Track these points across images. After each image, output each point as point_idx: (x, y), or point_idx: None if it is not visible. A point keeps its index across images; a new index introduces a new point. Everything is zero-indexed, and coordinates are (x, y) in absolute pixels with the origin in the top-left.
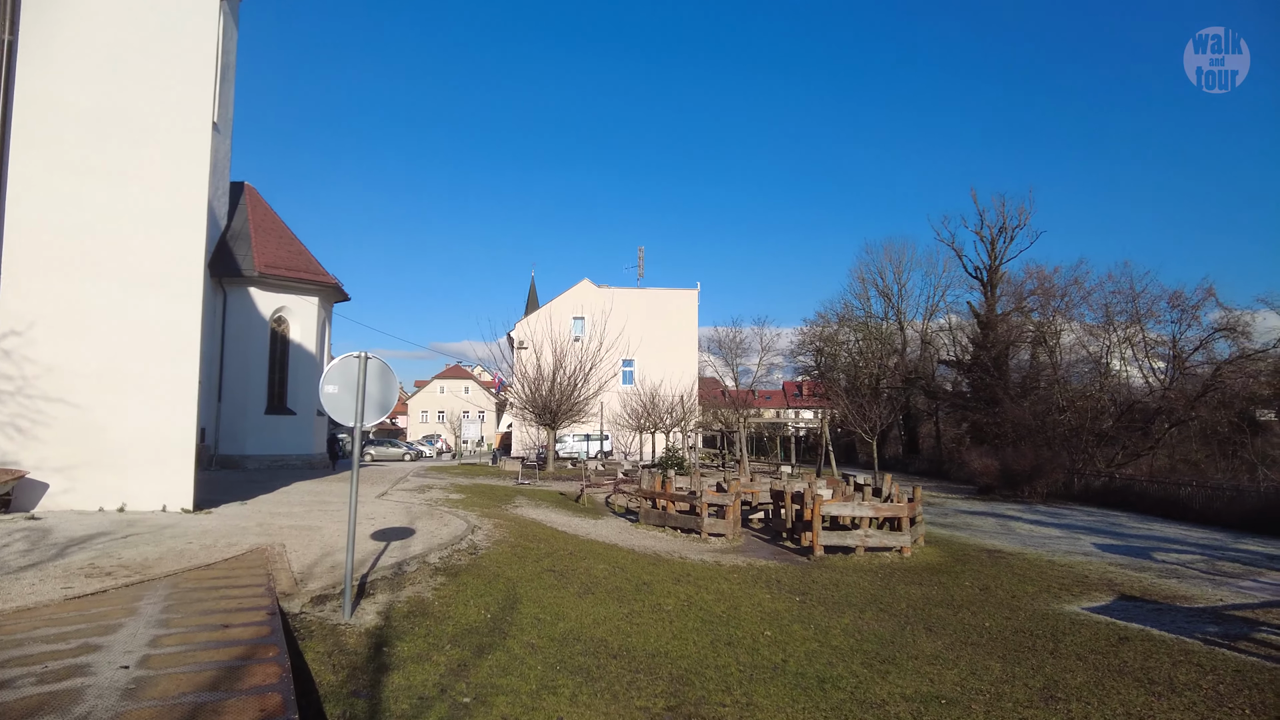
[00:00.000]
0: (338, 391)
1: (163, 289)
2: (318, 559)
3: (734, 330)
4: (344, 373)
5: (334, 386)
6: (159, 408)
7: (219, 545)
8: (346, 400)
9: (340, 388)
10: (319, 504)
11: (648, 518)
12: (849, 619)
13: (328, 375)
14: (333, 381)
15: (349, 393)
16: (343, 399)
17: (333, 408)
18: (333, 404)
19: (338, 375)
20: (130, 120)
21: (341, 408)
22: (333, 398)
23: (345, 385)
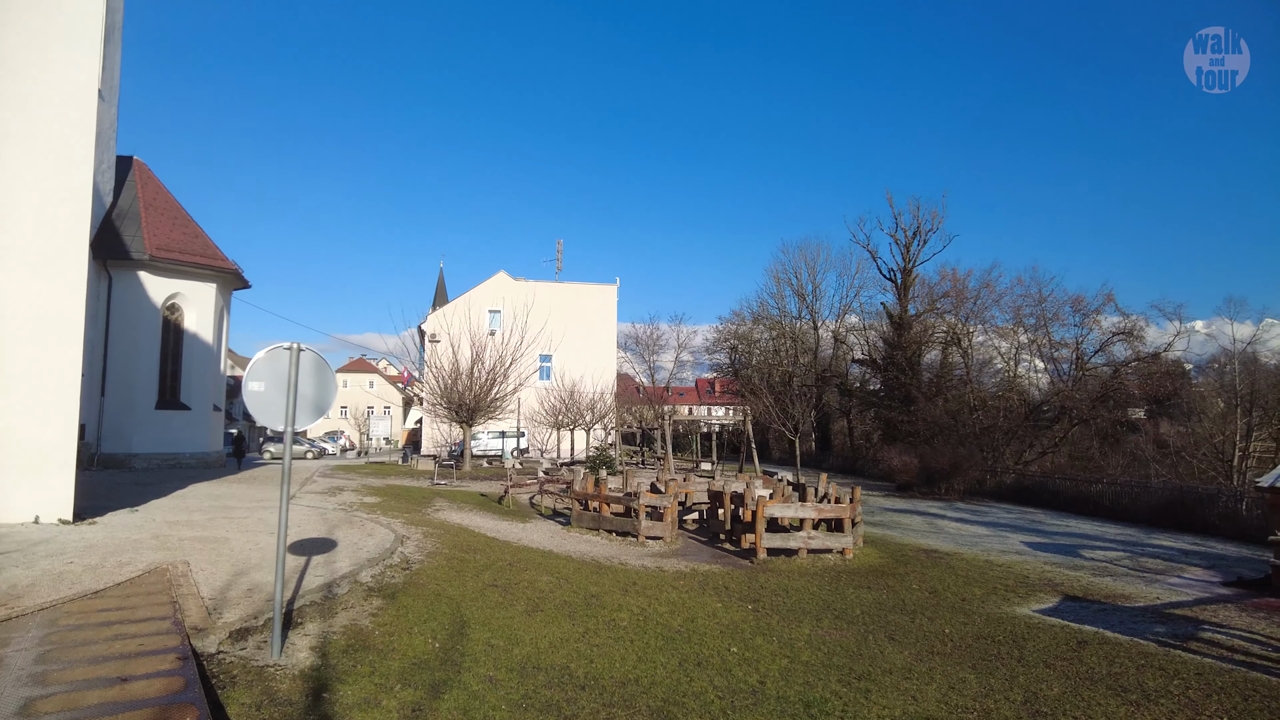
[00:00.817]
0: (264, 389)
1: (38, 270)
2: (230, 580)
3: (651, 327)
4: (272, 367)
5: (260, 383)
6: (32, 403)
7: (107, 565)
8: (275, 399)
9: (268, 384)
10: (222, 510)
11: (580, 520)
12: (808, 629)
13: (252, 370)
14: (258, 377)
15: (278, 391)
16: (270, 398)
17: (258, 408)
18: (259, 404)
19: (264, 370)
20: (2, 81)
21: (269, 408)
22: (258, 396)
23: (274, 382)
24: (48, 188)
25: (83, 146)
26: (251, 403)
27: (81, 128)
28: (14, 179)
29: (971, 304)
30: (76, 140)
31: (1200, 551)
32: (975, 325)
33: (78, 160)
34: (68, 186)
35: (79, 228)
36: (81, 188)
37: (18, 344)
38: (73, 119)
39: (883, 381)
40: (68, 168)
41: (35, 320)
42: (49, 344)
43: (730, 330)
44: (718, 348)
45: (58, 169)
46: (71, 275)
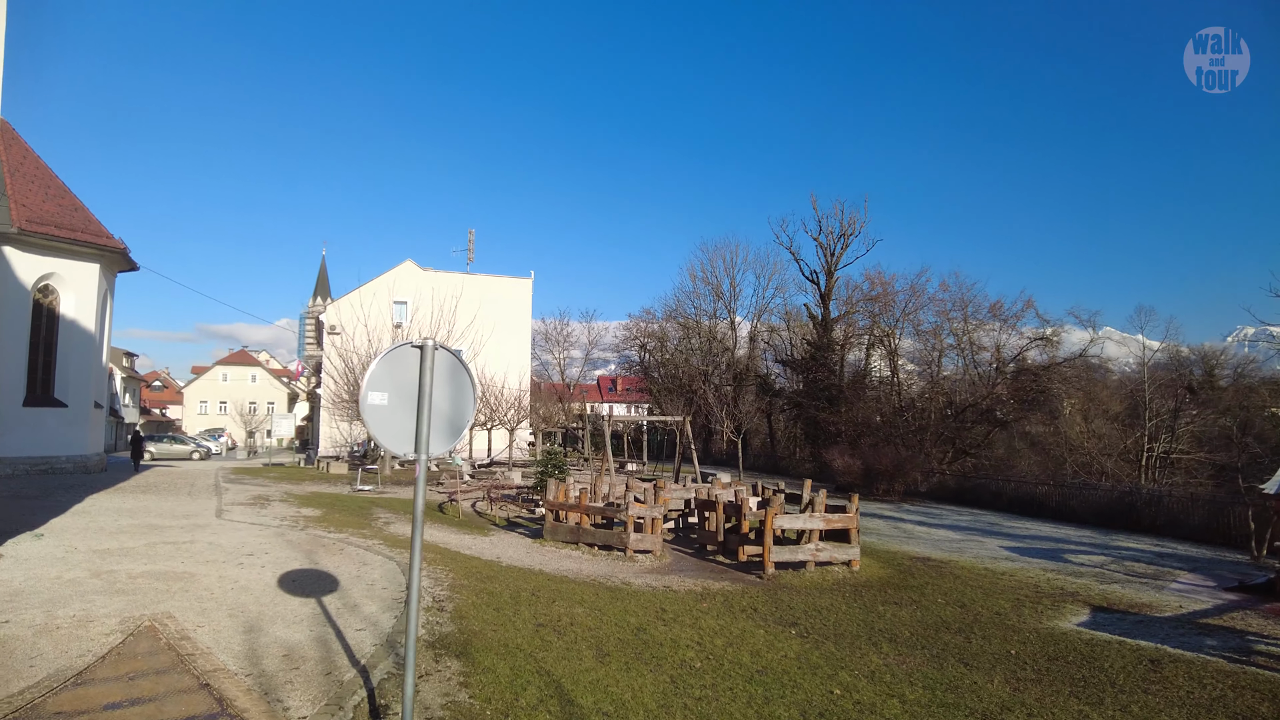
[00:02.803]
0: (387, 403)
1: None
2: (247, 641)
3: (561, 323)
4: (398, 372)
5: (382, 394)
6: None
7: (63, 624)
8: (401, 418)
9: (391, 396)
10: (152, 531)
11: (555, 533)
12: (876, 657)
13: (373, 378)
14: (380, 387)
15: (405, 406)
16: (395, 416)
17: (381, 429)
18: (380, 423)
19: (387, 377)
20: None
21: (393, 429)
22: (380, 413)
23: (400, 393)
24: None
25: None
26: (372, 421)
27: None
28: None
29: (901, 307)
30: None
31: (1169, 554)
32: (904, 327)
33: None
34: None
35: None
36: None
37: None
38: None
39: (805, 382)
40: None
41: None
42: None
43: (640, 328)
44: (627, 345)
45: None
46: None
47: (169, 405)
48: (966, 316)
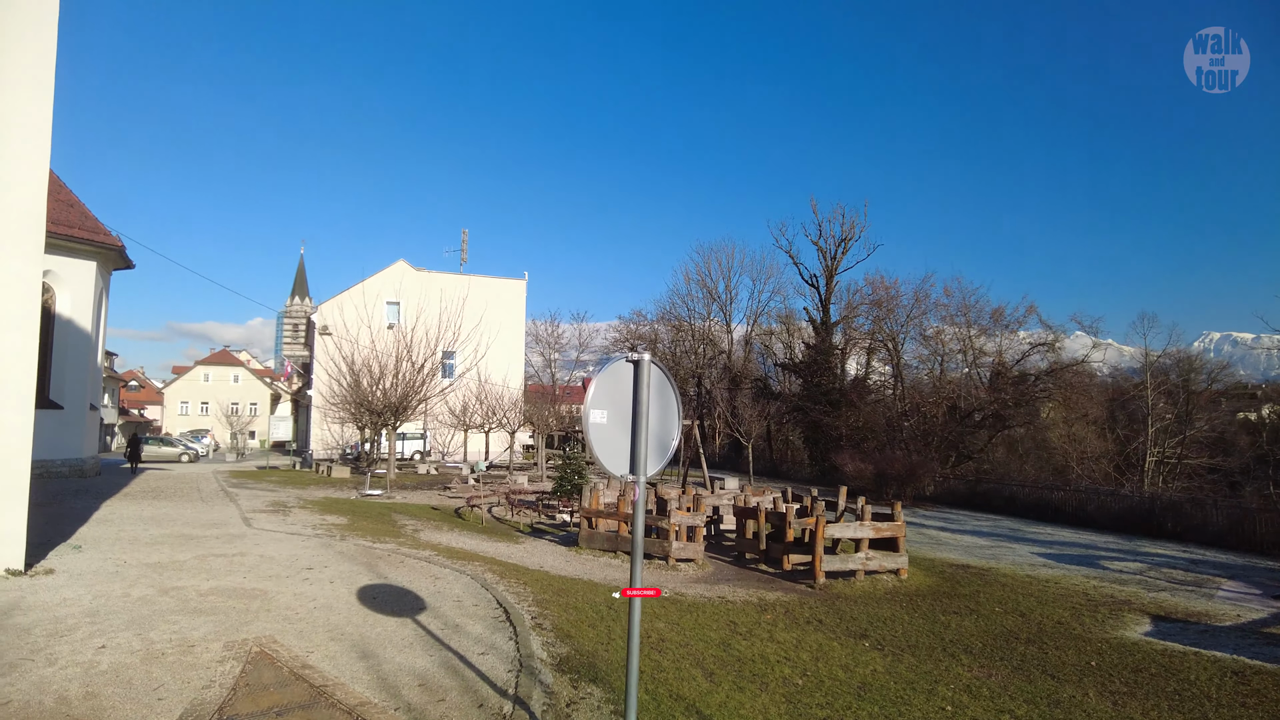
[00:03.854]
0: (607, 420)
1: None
2: (368, 665)
3: (553, 324)
4: (614, 388)
5: (601, 412)
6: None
7: (163, 647)
8: (618, 436)
9: (610, 414)
10: (186, 540)
11: (591, 541)
12: (962, 671)
13: (596, 394)
14: (600, 405)
15: (622, 424)
16: (614, 435)
17: (602, 448)
18: (602, 442)
19: (606, 395)
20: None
21: (612, 449)
22: (601, 431)
23: (618, 410)
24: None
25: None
26: (595, 441)
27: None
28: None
29: (908, 311)
30: (18, 34)
31: (1201, 560)
32: (908, 331)
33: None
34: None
35: (31, 175)
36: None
37: None
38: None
39: (805, 385)
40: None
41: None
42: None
43: (630, 330)
44: (617, 347)
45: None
46: (21, 246)
47: (147, 405)
48: (969, 322)
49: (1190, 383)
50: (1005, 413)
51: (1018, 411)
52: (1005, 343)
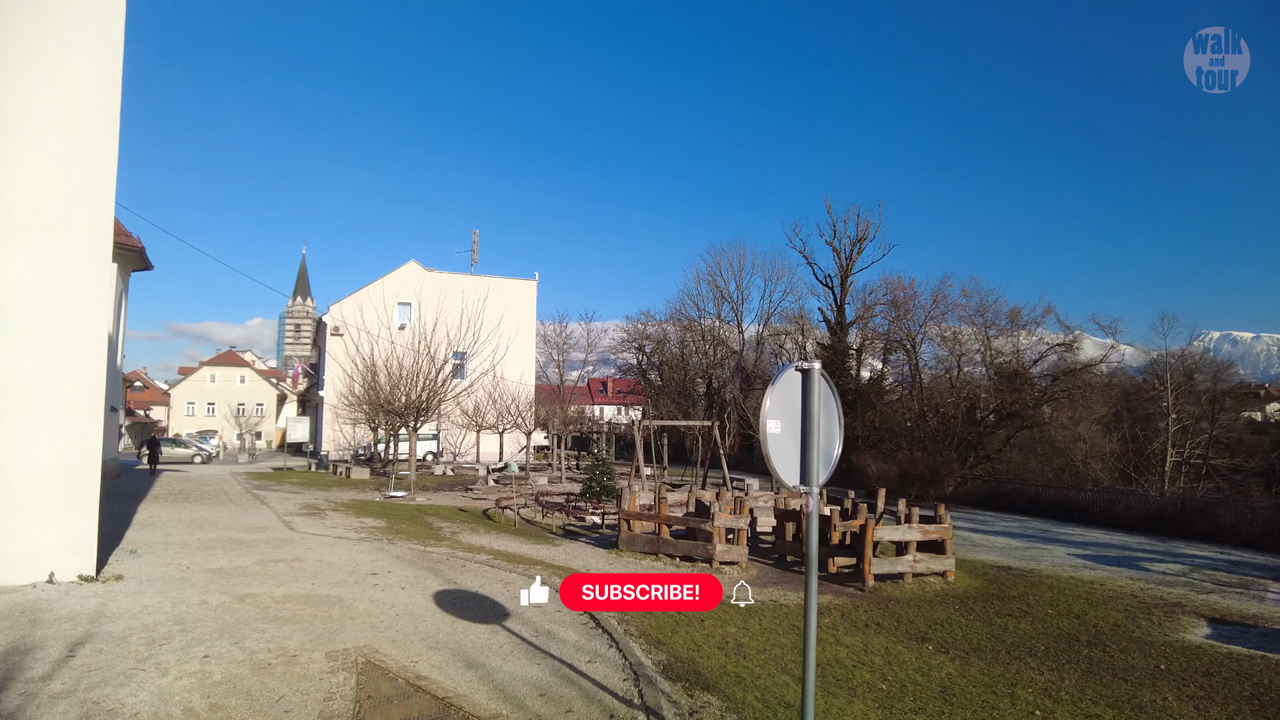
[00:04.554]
0: (780, 430)
1: (37, 234)
2: (480, 675)
3: (561, 325)
4: (786, 398)
5: (776, 422)
6: (40, 418)
7: (266, 658)
8: (789, 447)
9: (783, 424)
10: (237, 545)
11: (632, 544)
12: (1037, 676)
13: (771, 406)
14: (774, 415)
15: (792, 434)
16: (787, 445)
17: (778, 459)
18: (777, 453)
19: (780, 405)
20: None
21: (786, 460)
22: (776, 442)
23: (789, 420)
24: (63, 117)
25: (111, 54)
26: (771, 451)
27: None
28: (23, 105)
29: (926, 311)
30: (105, 46)
31: (1242, 562)
32: (927, 332)
33: (106, 75)
34: (91, 115)
35: (105, 179)
36: (109, 117)
37: (22, 333)
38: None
39: None
40: (94, 86)
41: (45, 310)
42: (66, 333)
43: (638, 330)
44: (624, 347)
45: (75, 91)
46: (90, 249)
47: (152, 406)
48: (987, 322)
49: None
50: (1026, 413)
51: (1037, 412)
52: (1023, 343)
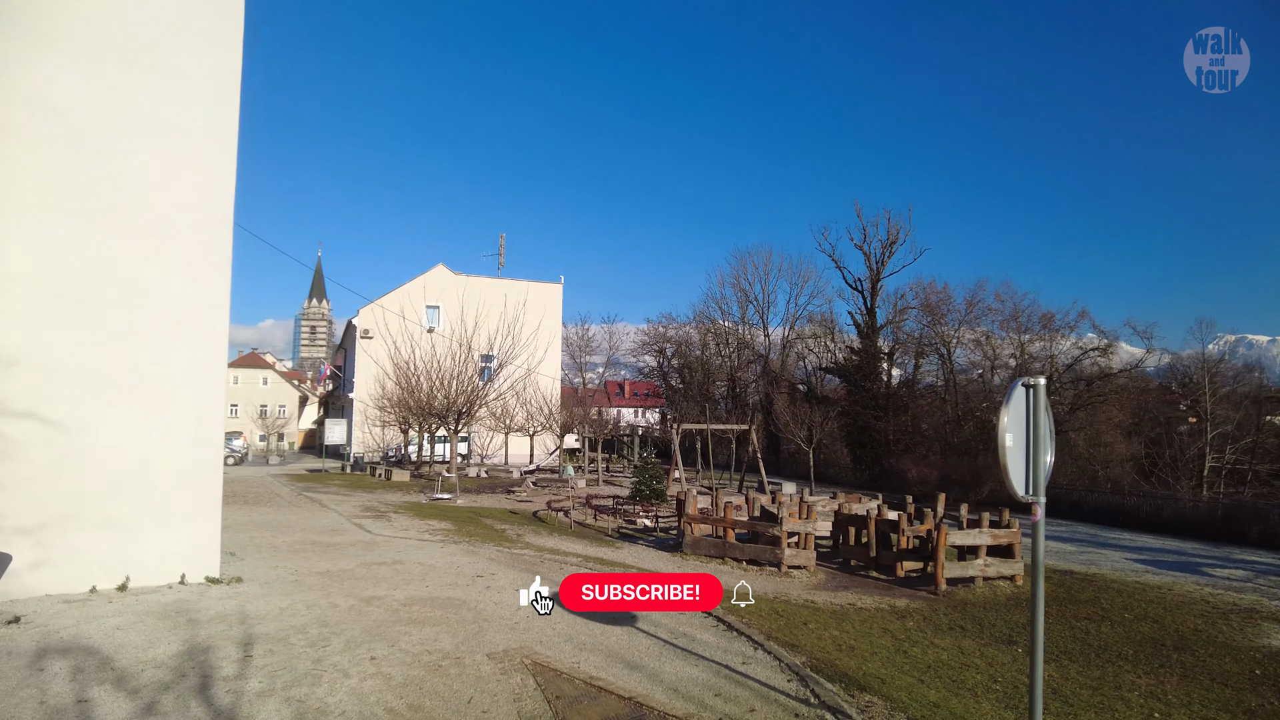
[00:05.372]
0: (1013, 444)
1: (171, 241)
2: (649, 678)
3: (583, 328)
4: (1018, 412)
5: (1011, 435)
6: (173, 421)
7: (433, 660)
8: (1018, 459)
9: (1015, 437)
10: (324, 548)
11: (697, 547)
12: (1137, 679)
13: (1009, 421)
14: (1011, 428)
15: (1021, 446)
16: (1018, 458)
17: (1013, 471)
18: (1013, 465)
19: (1016, 419)
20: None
21: (1018, 472)
22: (1011, 455)
23: (1019, 433)
24: (188, 127)
25: (230, 62)
26: (1010, 463)
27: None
28: (150, 114)
29: (960, 316)
30: (224, 54)
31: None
32: (961, 336)
33: (215, 96)
34: (214, 122)
35: (225, 184)
36: (229, 125)
37: (150, 342)
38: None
39: (850, 389)
40: (214, 96)
41: (171, 309)
42: (190, 342)
43: (659, 333)
44: (645, 350)
45: (201, 102)
46: (214, 255)
47: None
48: (1021, 327)
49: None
50: (1062, 418)
51: (1073, 416)
52: (1057, 347)
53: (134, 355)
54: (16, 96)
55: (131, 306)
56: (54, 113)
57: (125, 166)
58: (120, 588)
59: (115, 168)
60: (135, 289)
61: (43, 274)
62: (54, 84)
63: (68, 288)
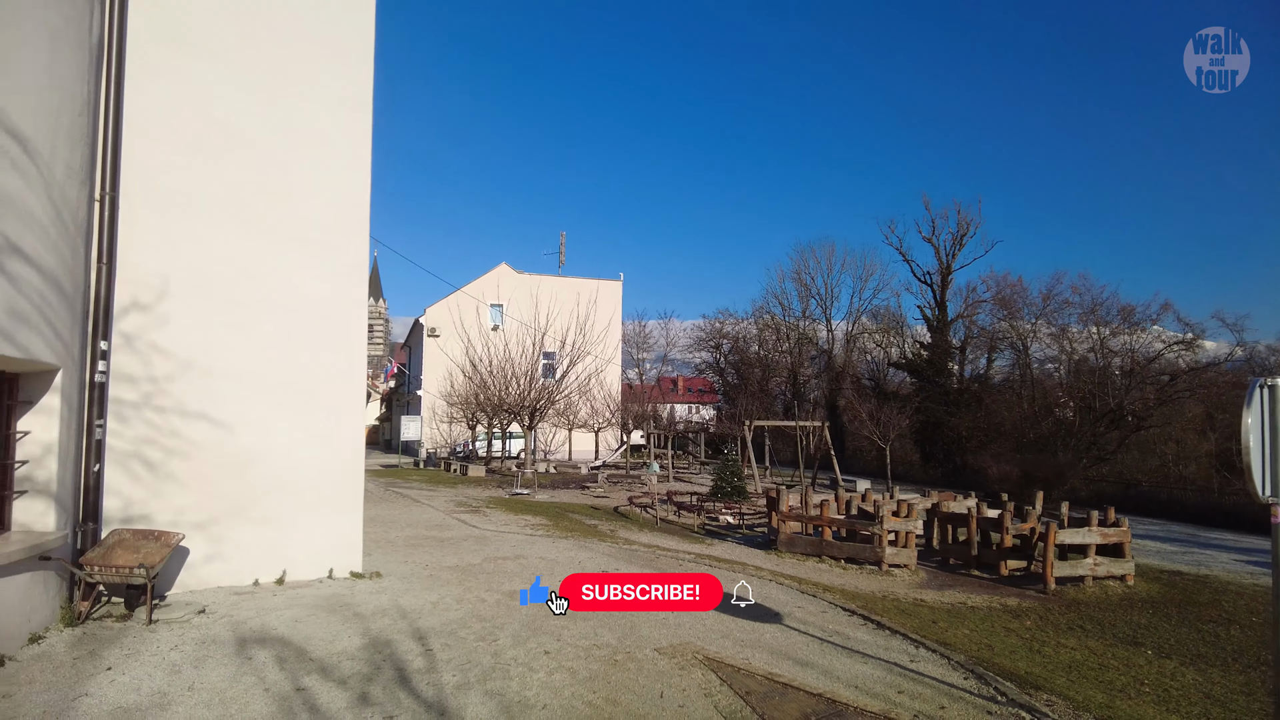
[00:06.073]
0: (1254, 445)
1: (318, 246)
2: (825, 676)
3: (639, 324)
4: (1259, 413)
5: (1254, 437)
6: (320, 421)
7: (607, 652)
8: (1259, 459)
9: (1257, 438)
10: (439, 543)
11: (792, 545)
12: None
13: (1252, 421)
14: (1253, 430)
15: (1260, 445)
16: (1259, 458)
17: (1256, 471)
18: (1256, 465)
19: (1256, 420)
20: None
21: (1260, 472)
22: (1252, 455)
23: (1258, 433)
24: (329, 134)
25: (362, 71)
26: (1252, 464)
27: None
28: (297, 121)
29: (1035, 309)
30: (356, 63)
31: None
32: (1037, 330)
33: (352, 106)
34: (349, 133)
35: (361, 189)
36: (364, 134)
37: (298, 342)
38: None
39: (919, 384)
40: (350, 106)
41: (314, 308)
42: (334, 341)
43: (715, 328)
44: (701, 346)
45: (339, 114)
46: (356, 258)
47: None
48: (1100, 320)
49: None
50: (1147, 413)
51: (1158, 411)
52: (1139, 341)
53: (286, 359)
54: (189, 110)
55: (283, 311)
56: (218, 125)
57: (274, 176)
58: (278, 581)
59: (266, 177)
60: (285, 294)
61: (210, 280)
62: (218, 97)
63: (230, 293)
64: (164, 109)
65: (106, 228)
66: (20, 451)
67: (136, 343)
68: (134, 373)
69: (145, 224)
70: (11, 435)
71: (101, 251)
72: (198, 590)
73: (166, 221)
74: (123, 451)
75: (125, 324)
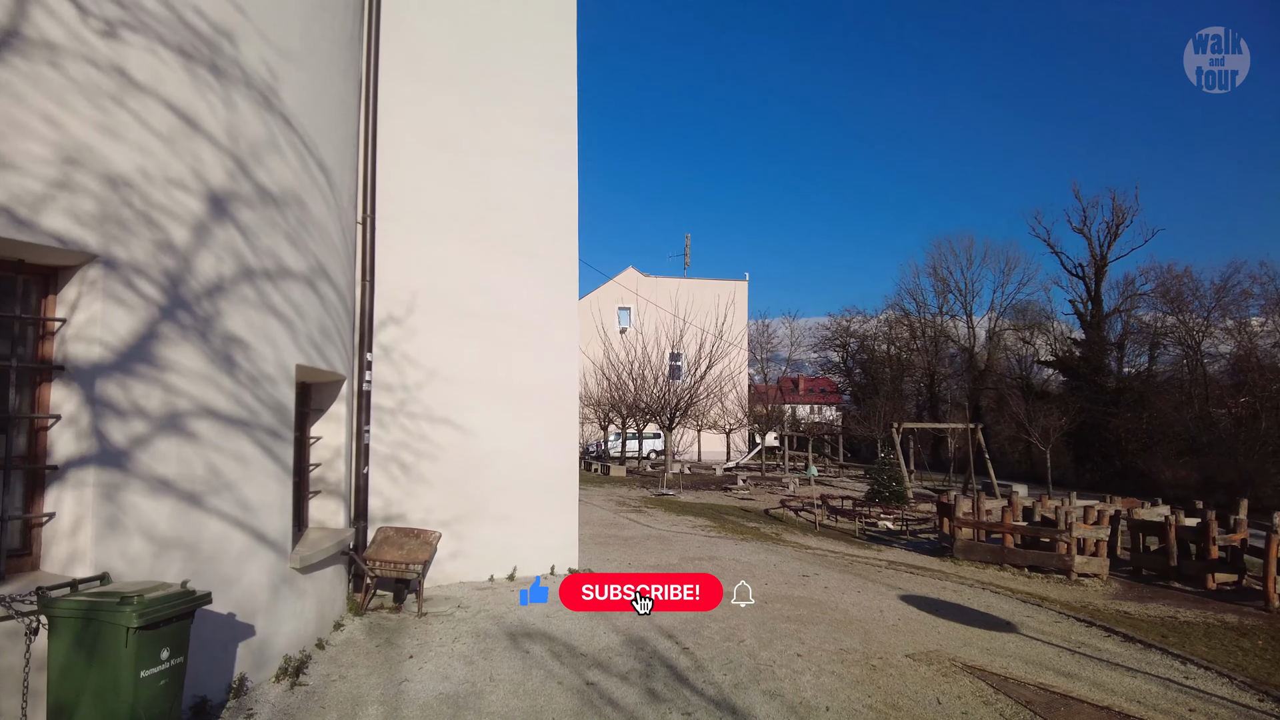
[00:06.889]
0: None
1: (536, 258)
2: (1096, 689)
3: (763, 323)
4: None
5: None
6: (544, 424)
7: (866, 660)
8: None
9: None
10: (620, 540)
11: (970, 552)
12: None
13: None
14: None
15: None
16: None
17: None
18: None
19: None
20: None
21: None
22: None
23: None
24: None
25: (563, 93)
26: None
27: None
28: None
29: (1207, 303)
30: (562, 71)
31: None
32: (1210, 325)
33: (558, 123)
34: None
35: (569, 206)
36: (568, 149)
37: (519, 346)
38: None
39: (1071, 383)
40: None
41: (534, 314)
42: (551, 345)
43: (842, 326)
44: (827, 345)
45: (549, 119)
46: (569, 271)
47: None
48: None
49: None
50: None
51: None
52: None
53: (511, 365)
54: (426, 135)
55: (508, 320)
56: (449, 147)
57: (496, 192)
58: (510, 577)
59: (489, 194)
60: (510, 304)
61: (446, 293)
62: (448, 122)
63: (463, 304)
64: (406, 135)
65: (368, 248)
66: (313, 455)
67: (392, 354)
68: (390, 381)
69: (393, 242)
70: (307, 440)
71: (365, 270)
72: (444, 585)
73: (411, 239)
74: (382, 455)
75: (383, 336)
